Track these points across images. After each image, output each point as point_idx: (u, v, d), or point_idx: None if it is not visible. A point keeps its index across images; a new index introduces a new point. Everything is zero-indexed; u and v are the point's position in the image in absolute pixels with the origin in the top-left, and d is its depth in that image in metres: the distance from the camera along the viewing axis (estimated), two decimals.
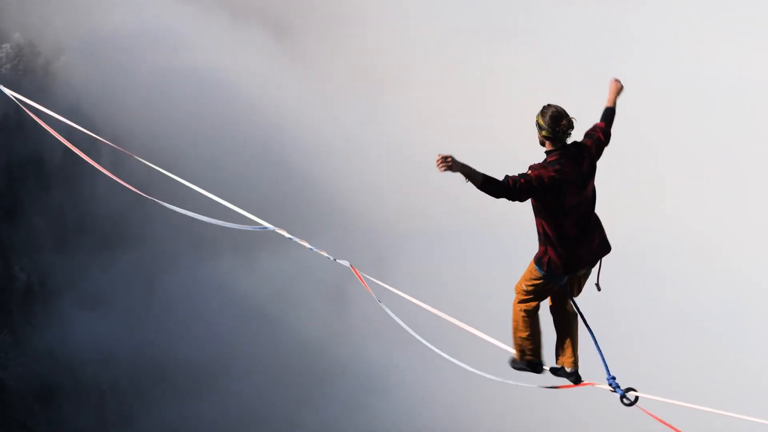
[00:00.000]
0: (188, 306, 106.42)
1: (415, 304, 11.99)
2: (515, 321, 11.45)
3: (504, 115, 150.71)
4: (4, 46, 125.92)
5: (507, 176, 10.11)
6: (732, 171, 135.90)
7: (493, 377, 11.76)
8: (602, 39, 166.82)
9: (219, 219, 14.50)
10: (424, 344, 12.25)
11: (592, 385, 11.35)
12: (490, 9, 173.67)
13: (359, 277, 12.73)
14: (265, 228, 13.06)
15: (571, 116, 10.38)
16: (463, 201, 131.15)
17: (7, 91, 15.01)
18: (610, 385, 11.10)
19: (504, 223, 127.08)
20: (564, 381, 11.64)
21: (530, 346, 11.56)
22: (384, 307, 12.52)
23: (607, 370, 11.15)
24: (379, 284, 12.58)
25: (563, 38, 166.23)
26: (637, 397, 10.98)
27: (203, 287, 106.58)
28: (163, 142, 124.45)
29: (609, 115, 11.38)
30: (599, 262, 11.25)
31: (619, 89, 11.57)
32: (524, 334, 11.44)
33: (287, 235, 13.05)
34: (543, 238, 10.91)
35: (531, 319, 11.42)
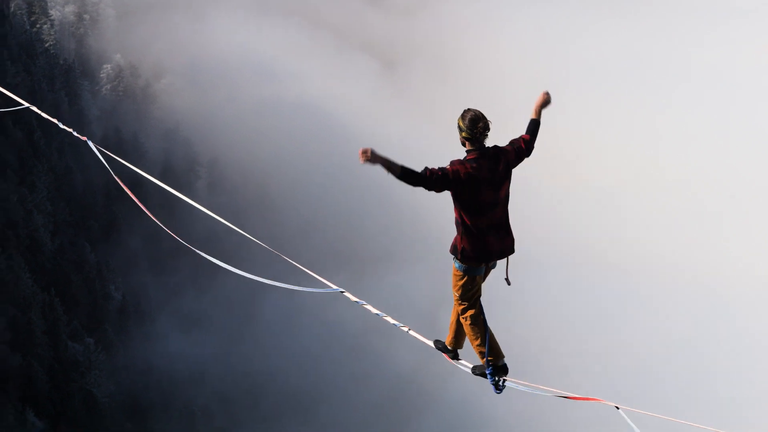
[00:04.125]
0: (285, 331, 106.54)
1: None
2: (468, 334, 12.28)
3: (594, 150, 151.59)
4: (104, 67, 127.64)
5: (426, 168, 11.02)
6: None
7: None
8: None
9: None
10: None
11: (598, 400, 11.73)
12: (588, 50, 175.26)
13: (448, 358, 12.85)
14: (331, 290, 12.97)
15: (487, 119, 11.19)
16: (553, 231, 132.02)
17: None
18: (488, 375, 12.01)
19: (589, 254, 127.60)
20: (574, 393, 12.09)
21: (485, 349, 12.15)
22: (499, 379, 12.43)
23: (488, 363, 11.97)
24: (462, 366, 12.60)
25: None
26: (504, 380, 11.97)
27: (301, 313, 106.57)
28: (261, 169, 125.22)
29: (533, 127, 12.07)
30: (507, 259, 11.97)
31: (545, 101, 12.08)
32: (478, 341, 12.13)
33: (353, 298, 12.93)
34: (460, 226, 11.60)
35: (476, 325, 12.12)
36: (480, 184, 11.24)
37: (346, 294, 13.26)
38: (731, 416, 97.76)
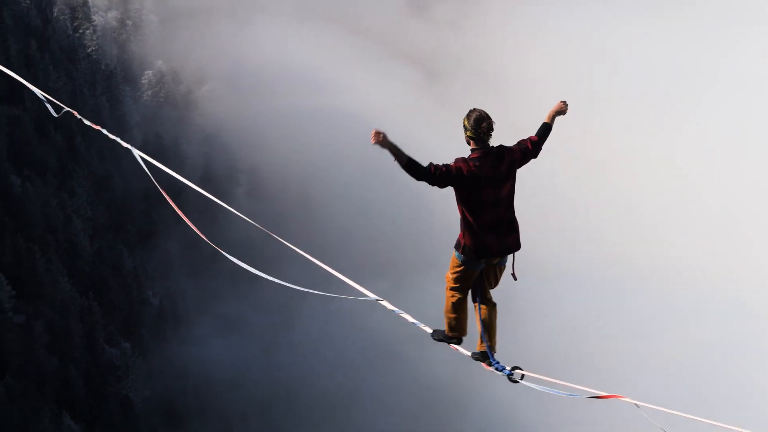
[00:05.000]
0: (322, 338, 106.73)
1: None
2: (446, 305, 12.54)
3: (632, 167, 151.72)
4: (146, 72, 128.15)
5: (431, 163, 11.37)
6: None
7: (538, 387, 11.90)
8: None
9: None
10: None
11: (619, 397, 11.43)
12: (630, 60, 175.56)
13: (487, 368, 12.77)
14: (369, 299, 12.94)
15: (491, 120, 11.54)
16: (587, 246, 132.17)
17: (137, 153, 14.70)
18: (496, 368, 12.09)
19: (616, 260, 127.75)
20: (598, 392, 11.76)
21: (455, 324, 12.55)
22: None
23: (491, 356, 12.15)
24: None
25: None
26: (523, 375, 11.83)
27: (338, 320, 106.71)
28: (301, 176, 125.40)
29: (544, 130, 12.21)
30: (513, 256, 12.21)
31: (561, 110, 12.31)
32: (452, 316, 12.48)
33: (390, 307, 12.90)
34: (463, 223, 11.85)
35: (459, 306, 12.44)
36: (482, 182, 11.52)
37: (384, 303, 13.21)
38: (755, 416, 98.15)
